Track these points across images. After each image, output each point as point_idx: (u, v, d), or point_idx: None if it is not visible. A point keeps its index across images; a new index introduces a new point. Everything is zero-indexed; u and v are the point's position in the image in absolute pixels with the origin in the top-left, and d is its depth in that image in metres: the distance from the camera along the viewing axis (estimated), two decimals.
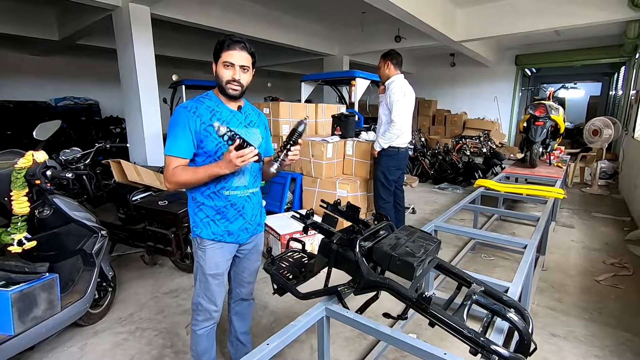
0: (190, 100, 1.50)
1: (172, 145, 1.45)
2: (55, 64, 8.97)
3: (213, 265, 1.58)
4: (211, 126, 1.43)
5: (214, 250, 1.57)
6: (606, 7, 5.16)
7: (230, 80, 1.46)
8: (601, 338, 2.24)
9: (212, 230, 1.54)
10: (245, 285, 1.79)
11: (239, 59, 1.46)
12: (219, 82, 1.48)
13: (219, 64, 1.46)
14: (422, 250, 1.28)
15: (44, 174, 1.98)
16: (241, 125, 1.54)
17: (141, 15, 4.55)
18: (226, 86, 1.47)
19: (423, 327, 2.29)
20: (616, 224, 4.46)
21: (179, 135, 1.44)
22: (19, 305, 1.69)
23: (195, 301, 1.65)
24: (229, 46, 1.44)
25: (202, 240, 1.55)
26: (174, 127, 1.46)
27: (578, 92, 12.99)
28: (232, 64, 1.45)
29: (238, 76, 1.47)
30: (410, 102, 3.22)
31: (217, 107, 1.50)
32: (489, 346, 1.03)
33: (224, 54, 1.44)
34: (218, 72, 1.48)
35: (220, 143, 1.46)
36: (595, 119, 6.35)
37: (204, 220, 1.54)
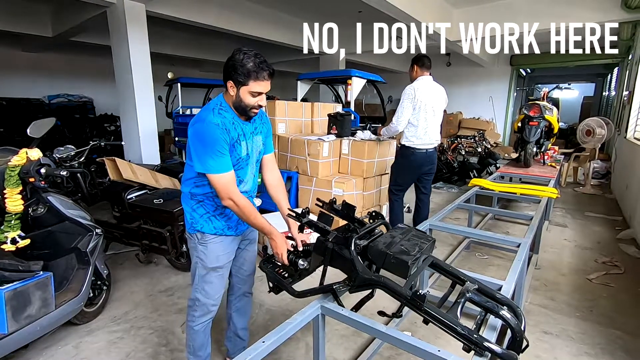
0: (215, 115, 1.45)
1: (219, 163, 1.43)
2: (49, 61, 8.88)
3: (214, 258, 1.60)
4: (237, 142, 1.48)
5: (216, 244, 1.60)
6: (600, 8, 5.22)
7: (256, 107, 1.48)
8: (592, 336, 2.27)
9: (213, 225, 1.57)
10: (246, 279, 1.83)
11: (266, 87, 1.45)
12: (240, 106, 1.47)
13: (244, 91, 1.43)
14: (416, 249, 1.29)
15: (38, 171, 1.97)
16: (250, 135, 1.57)
17: (136, 12, 4.53)
18: (250, 111, 1.48)
19: (418, 325, 2.31)
20: (608, 223, 4.52)
21: (222, 151, 1.44)
22: (13, 303, 1.68)
23: (193, 297, 1.66)
24: (259, 76, 1.40)
25: (204, 235, 1.57)
26: (214, 144, 1.42)
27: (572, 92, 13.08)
28: (260, 93, 1.45)
29: (264, 103, 1.50)
30: (428, 104, 3.12)
31: (235, 120, 1.50)
32: (482, 343, 1.04)
33: (252, 84, 1.41)
34: (242, 97, 1.45)
35: (240, 159, 1.52)
36: (589, 119, 6.41)
37: (205, 216, 1.57)
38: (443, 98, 3.27)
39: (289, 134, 4.07)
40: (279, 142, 4.05)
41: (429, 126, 3.17)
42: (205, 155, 1.43)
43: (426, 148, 3.22)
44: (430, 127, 3.18)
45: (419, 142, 3.18)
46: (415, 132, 3.15)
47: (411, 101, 3.10)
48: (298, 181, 3.88)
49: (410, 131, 3.16)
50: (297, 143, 3.82)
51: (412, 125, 3.15)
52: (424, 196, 3.43)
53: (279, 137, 4.03)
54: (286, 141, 3.94)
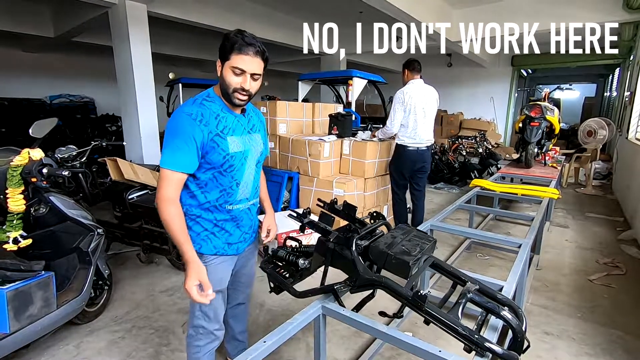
0: (194, 105, 1.31)
1: (172, 157, 1.26)
2: (51, 61, 8.89)
3: (217, 281, 1.41)
4: (218, 136, 1.30)
5: (216, 265, 1.43)
6: (601, 9, 5.22)
7: (239, 89, 1.28)
8: (593, 336, 2.27)
9: (213, 244, 1.41)
10: (243, 290, 1.73)
11: (251, 65, 1.26)
12: (223, 88, 1.30)
13: (226, 67, 1.26)
14: (417, 249, 1.30)
15: (40, 171, 1.97)
16: (245, 131, 1.41)
17: (138, 12, 4.54)
18: (232, 94, 1.29)
19: (418, 325, 2.30)
20: (609, 224, 4.51)
21: (181, 146, 1.25)
22: (15, 303, 1.68)
23: (196, 325, 1.48)
24: (241, 49, 1.23)
25: (203, 257, 1.39)
26: (176, 136, 1.26)
27: (573, 93, 13.07)
28: (242, 70, 1.26)
29: (248, 85, 1.29)
30: (418, 106, 3.30)
31: (222, 111, 1.34)
32: (483, 343, 1.04)
33: (233, 57, 1.24)
34: (224, 76, 1.28)
35: (227, 156, 1.32)
36: (590, 120, 6.41)
37: (203, 234, 1.40)
38: (434, 99, 3.45)
39: (290, 134, 4.07)
40: (280, 142, 4.06)
41: (418, 127, 3.35)
42: (165, 146, 1.28)
43: (417, 146, 3.41)
44: (420, 127, 3.36)
45: (410, 141, 3.38)
46: (406, 132, 3.37)
47: (401, 104, 3.32)
48: (299, 181, 3.88)
49: (402, 131, 3.40)
50: (298, 143, 3.82)
51: (403, 127, 3.38)
52: (418, 193, 3.62)
53: (280, 137, 4.04)
54: (287, 141, 3.94)
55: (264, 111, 4.08)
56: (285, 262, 1.53)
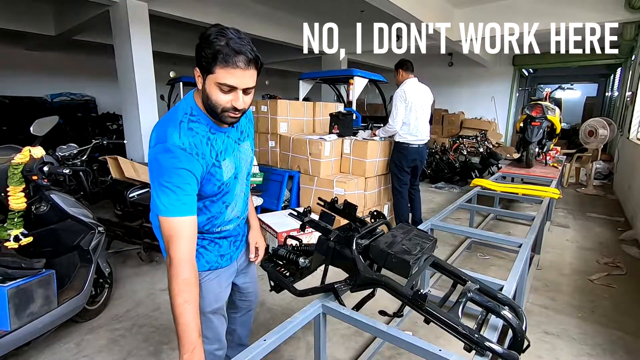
0: (181, 133, 1.04)
1: (177, 201, 1.01)
2: (52, 60, 8.90)
3: (213, 299, 1.29)
4: (214, 166, 1.11)
5: (212, 281, 1.29)
6: (603, 9, 5.20)
7: (229, 109, 1.04)
8: (594, 336, 2.27)
9: (205, 259, 1.27)
10: (252, 297, 1.61)
11: (243, 80, 1.00)
12: (210, 106, 1.04)
13: (210, 82, 1.00)
14: (418, 248, 1.30)
15: (41, 169, 1.97)
16: (235, 145, 1.22)
17: (139, 11, 4.54)
18: (222, 115, 1.05)
19: (419, 325, 2.31)
20: (610, 224, 4.50)
21: (184, 187, 1.02)
22: (16, 300, 1.69)
23: None
24: (228, 60, 0.96)
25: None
26: (173, 175, 1.01)
27: (574, 93, 13.06)
28: (232, 87, 1.00)
29: (241, 104, 1.04)
30: (417, 104, 3.48)
31: (211, 132, 1.11)
32: (483, 343, 1.04)
33: (219, 72, 0.97)
34: (209, 93, 1.02)
35: (222, 185, 1.15)
36: (591, 119, 6.40)
37: None
38: (429, 96, 3.62)
39: (291, 133, 4.07)
40: (281, 141, 4.06)
41: (419, 124, 3.51)
42: (156, 190, 1.02)
43: (418, 143, 3.58)
44: (420, 124, 3.52)
45: (413, 139, 3.53)
46: (409, 130, 3.50)
47: (403, 102, 3.43)
48: (300, 180, 3.88)
49: (404, 130, 3.51)
50: (298, 142, 3.82)
51: (405, 125, 3.49)
52: (415, 190, 3.80)
53: (281, 136, 4.04)
54: (288, 140, 3.94)
55: (265, 110, 4.08)
56: (286, 261, 1.53)
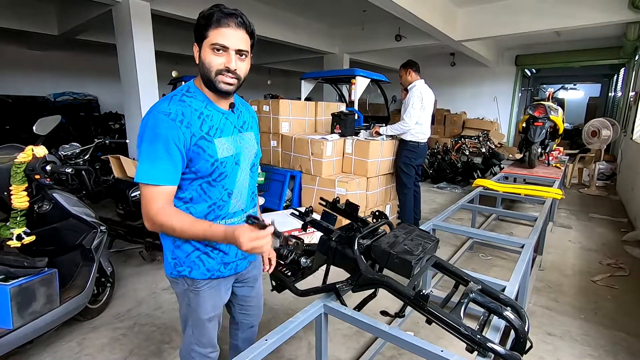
0: (172, 102, 1.07)
1: (154, 170, 1.03)
2: (55, 59, 8.93)
3: (210, 307, 1.25)
4: (204, 139, 1.09)
5: (211, 290, 1.23)
6: (606, 8, 5.17)
7: (223, 71, 1.07)
8: (596, 338, 2.26)
9: (207, 267, 1.20)
10: (255, 313, 1.51)
11: (234, 39, 1.05)
12: (205, 73, 1.08)
13: (205, 46, 1.06)
14: (420, 249, 1.29)
15: (44, 168, 1.98)
16: (235, 130, 1.19)
17: (141, 10, 4.54)
18: (216, 78, 1.07)
19: (420, 325, 2.30)
20: (613, 225, 4.48)
21: (162, 155, 1.03)
22: (18, 299, 1.69)
23: (187, 349, 1.32)
24: (220, 21, 1.03)
25: (194, 282, 1.20)
26: (153, 141, 1.03)
27: (577, 93, 13.02)
28: (224, 47, 1.04)
29: (234, 65, 1.07)
30: (429, 104, 3.63)
31: (206, 109, 1.12)
32: (486, 344, 1.04)
33: (212, 33, 1.04)
34: (204, 59, 1.07)
35: (217, 162, 1.12)
36: (594, 120, 6.36)
37: (193, 255, 1.18)
38: (433, 97, 3.76)
39: (293, 133, 4.07)
40: (283, 141, 4.05)
41: (426, 123, 3.66)
42: (140, 155, 1.05)
43: (425, 142, 3.75)
44: (426, 123, 3.67)
45: (423, 137, 3.66)
46: (420, 128, 3.61)
47: (420, 102, 3.52)
48: (301, 180, 3.88)
49: (417, 129, 3.59)
50: (300, 142, 3.82)
51: (418, 124, 3.59)
52: (417, 187, 3.89)
53: (283, 136, 4.04)
54: (290, 140, 3.94)
55: (267, 110, 4.08)
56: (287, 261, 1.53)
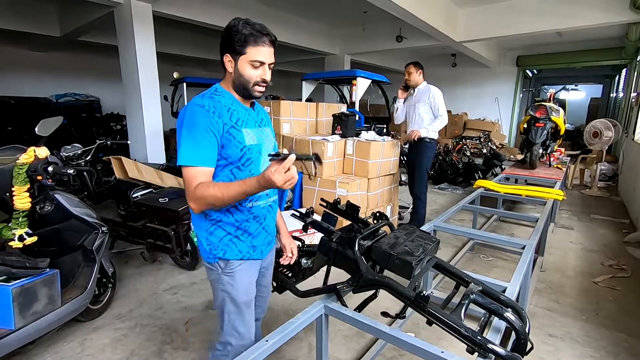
0: (204, 98, 1.24)
1: (194, 153, 1.16)
2: (56, 60, 8.96)
3: (244, 290, 1.33)
4: (233, 128, 1.23)
5: (243, 271, 1.33)
6: (608, 9, 5.17)
7: (259, 82, 1.25)
8: (598, 339, 2.25)
9: (238, 248, 1.31)
10: (263, 303, 1.57)
11: (269, 56, 1.23)
12: (242, 83, 1.24)
13: (243, 61, 1.21)
14: (420, 250, 1.29)
15: (46, 169, 1.99)
16: (256, 124, 1.34)
17: (143, 12, 4.56)
18: (253, 88, 1.25)
19: (421, 326, 2.30)
20: (615, 226, 4.47)
21: (201, 140, 1.16)
22: (20, 300, 1.70)
23: (223, 340, 1.35)
24: (257, 41, 1.19)
25: (228, 263, 1.30)
26: (193, 130, 1.17)
27: (579, 93, 13.00)
28: (262, 62, 1.22)
29: (269, 77, 1.26)
30: None
31: (233, 105, 1.27)
32: (486, 345, 1.04)
33: (251, 51, 1.19)
34: (242, 72, 1.22)
35: (245, 148, 1.25)
36: (596, 120, 6.35)
37: (225, 239, 1.29)
38: None
39: (294, 134, 4.07)
40: (284, 142, 4.06)
41: None
42: (181, 142, 1.18)
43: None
44: None
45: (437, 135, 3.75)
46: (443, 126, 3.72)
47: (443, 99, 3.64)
48: (302, 181, 3.88)
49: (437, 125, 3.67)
50: (301, 143, 3.82)
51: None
52: None
53: (284, 137, 4.04)
54: (291, 141, 3.94)
55: (268, 110, 4.09)
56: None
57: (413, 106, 3.76)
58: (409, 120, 3.87)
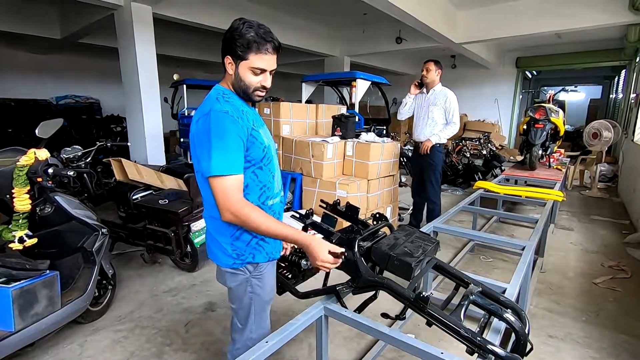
0: (222, 103, 1.19)
1: (228, 161, 1.13)
2: (57, 62, 8.99)
3: (270, 289, 1.37)
4: (254, 130, 1.22)
5: (269, 272, 1.35)
6: (607, 10, 5.18)
7: (259, 88, 1.23)
8: (598, 340, 2.25)
9: (266, 250, 1.31)
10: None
11: (272, 63, 1.21)
12: (242, 88, 1.22)
13: (244, 67, 1.19)
14: (420, 251, 1.30)
15: (46, 171, 1.99)
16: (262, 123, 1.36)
17: (143, 14, 4.57)
18: (253, 93, 1.23)
19: (421, 327, 2.30)
20: (615, 227, 4.47)
21: (232, 147, 1.14)
22: (20, 301, 1.70)
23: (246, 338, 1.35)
24: (260, 48, 1.16)
25: (258, 266, 1.30)
26: (223, 138, 1.13)
27: (578, 95, 13.02)
28: (263, 70, 1.20)
29: (269, 83, 1.24)
30: None
31: (243, 106, 1.26)
32: (486, 346, 1.04)
33: (253, 58, 1.17)
34: (242, 76, 1.20)
35: (266, 148, 1.26)
36: (595, 122, 6.36)
37: (252, 243, 1.27)
38: None
39: (294, 135, 4.08)
40: (284, 143, 4.06)
41: None
42: (212, 152, 1.12)
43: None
44: None
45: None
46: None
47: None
48: (302, 183, 3.88)
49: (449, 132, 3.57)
50: (301, 145, 3.83)
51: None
52: None
53: (284, 138, 4.05)
54: (290, 143, 3.95)
55: (268, 112, 4.10)
56: (288, 263, 1.54)
57: (426, 108, 3.58)
58: (418, 121, 3.69)
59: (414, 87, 3.66)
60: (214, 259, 1.32)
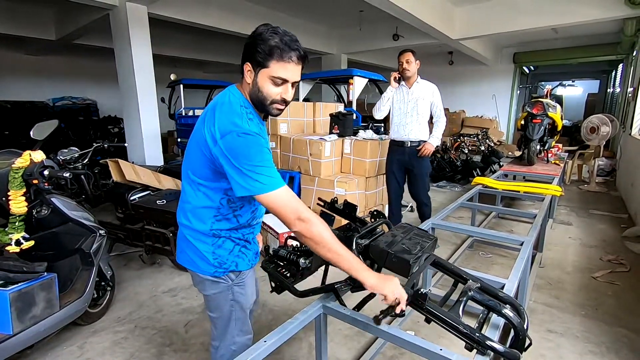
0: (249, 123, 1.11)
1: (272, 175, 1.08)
2: (53, 64, 8.95)
3: (251, 295, 1.37)
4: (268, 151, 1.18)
5: (250, 278, 1.36)
6: (603, 4, 5.18)
7: (278, 101, 1.14)
8: (598, 334, 2.25)
9: (248, 258, 1.31)
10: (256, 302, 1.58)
11: (295, 74, 1.11)
12: (259, 98, 1.13)
13: (264, 75, 1.09)
14: (418, 248, 1.29)
15: (42, 173, 1.98)
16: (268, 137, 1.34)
17: (138, 14, 4.55)
18: (270, 106, 1.14)
19: (421, 324, 2.30)
20: (613, 221, 4.48)
21: (271, 162, 1.11)
22: (18, 304, 1.69)
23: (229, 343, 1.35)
24: (283, 56, 1.07)
25: (240, 274, 1.29)
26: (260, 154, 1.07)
27: (576, 89, 13.00)
28: (285, 80, 1.11)
29: (290, 96, 1.15)
30: None
31: (260, 123, 1.20)
32: (485, 342, 1.04)
33: (275, 66, 1.08)
34: (261, 86, 1.11)
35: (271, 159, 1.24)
36: (593, 116, 6.36)
37: (236, 250, 1.27)
38: None
39: (291, 134, 4.07)
40: (281, 142, 4.06)
41: None
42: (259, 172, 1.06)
43: None
44: None
45: None
46: None
47: None
48: (300, 181, 3.88)
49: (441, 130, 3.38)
50: (299, 143, 3.82)
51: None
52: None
53: (281, 137, 4.04)
54: (288, 141, 3.94)
55: None
56: (286, 262, 1.53)
57: (413, 102, 3.24)
58: (402, 118, 3.31)
59: (395, 82, 3.29)
60: (191, 267, 1.27)
